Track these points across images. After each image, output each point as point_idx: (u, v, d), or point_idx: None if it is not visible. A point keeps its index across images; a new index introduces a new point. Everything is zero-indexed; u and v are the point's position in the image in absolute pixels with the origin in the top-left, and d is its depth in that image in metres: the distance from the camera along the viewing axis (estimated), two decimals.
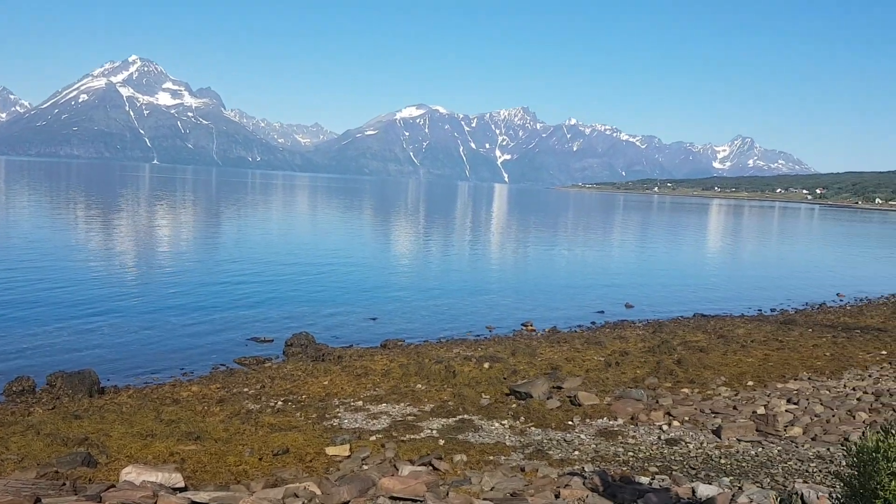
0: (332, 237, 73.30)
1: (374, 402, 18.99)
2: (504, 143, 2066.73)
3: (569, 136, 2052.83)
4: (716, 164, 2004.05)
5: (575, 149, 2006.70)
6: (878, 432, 6.79)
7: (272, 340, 26.44)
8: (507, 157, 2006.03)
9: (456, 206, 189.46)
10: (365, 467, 13.29)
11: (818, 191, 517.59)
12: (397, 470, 12.52)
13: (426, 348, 26.29)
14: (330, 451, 14.44)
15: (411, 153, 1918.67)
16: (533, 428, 17.06)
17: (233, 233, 71.05)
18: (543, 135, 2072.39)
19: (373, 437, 15.73)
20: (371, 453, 14.43)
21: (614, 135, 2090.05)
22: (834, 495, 6.80)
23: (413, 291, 40.42)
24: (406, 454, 14.37)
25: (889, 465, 6.31)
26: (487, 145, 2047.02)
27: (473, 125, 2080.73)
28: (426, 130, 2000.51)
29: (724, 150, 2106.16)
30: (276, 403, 18.45)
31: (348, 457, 14.15)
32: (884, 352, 29.86)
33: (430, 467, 13.13)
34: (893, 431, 6.70)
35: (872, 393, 23.54)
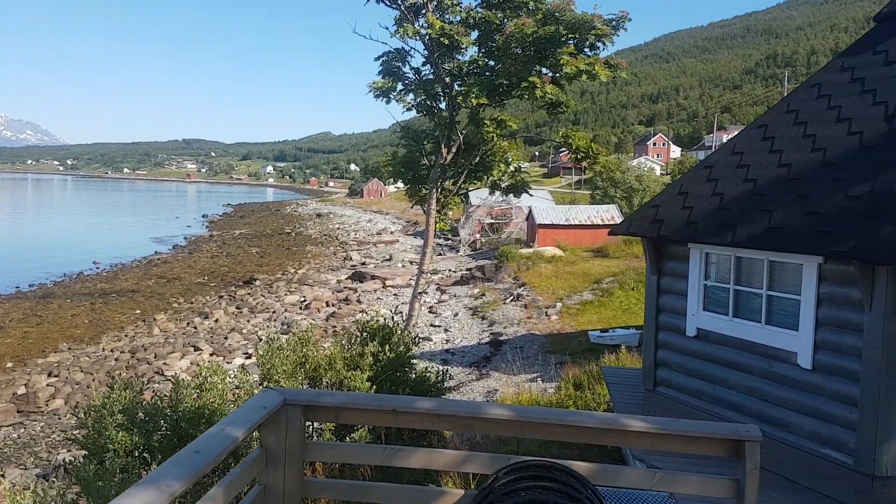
0: None
1: None
2: None
3: None
4: None
5: None
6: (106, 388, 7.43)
7: None
8: None
9: None
10: None
11: (69, 162, 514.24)
12: None
13: None
14: None
15: None
16: None
17: None
18: None
19: None
20: None
21: None
22: (68, 458, 7.16)
23: None
24: None
25: (114, 418, 6.99)
26: None
27: None
28: None
29: None
30: None
31: None
32: (137, 311, 32.32)
33: None
34: (117, 387, 7.43)
35: (129, 351, 25.30)
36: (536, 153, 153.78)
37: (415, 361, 11.30)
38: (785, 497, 6.35)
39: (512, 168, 20.24)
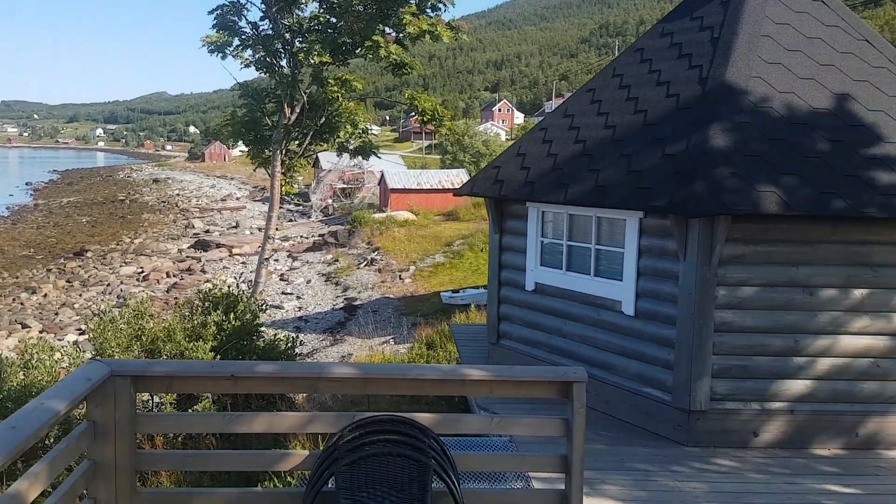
0: None
1: None
2: None
3: None
4: None
5: None
6: None
7: None
8: None
9: None
10: None
11: None
12: None
13: None
14: None
15: None
16: None
17: None
18: None
19: None
20: None
21: None
22: None
23: None
24: None
25: None
26: None
27: None
28: None
29: None
30: None
31: None
32: None
33: None
34: None
35: None
36: (387, 117, 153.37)
37: (264, 329, 11.08)
38: (612, 434, 6.90)
39: (360, 129, 20.05)
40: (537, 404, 7.36)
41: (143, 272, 33.21)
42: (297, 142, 19.59)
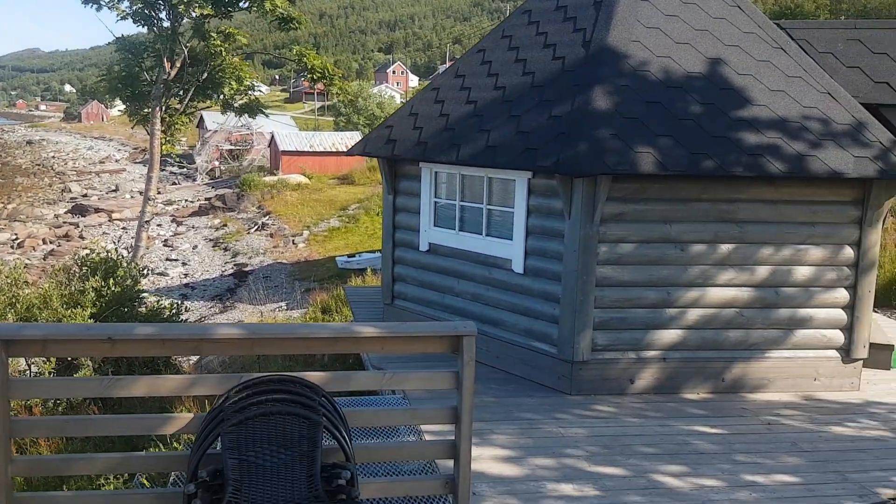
0: None
1: None
2: None
3: None
4: None
5: None
6: None
7: None
8: None
9: None
10: None
11: None
12: None
13: None
14: None
15: None
16: None
17: None
18: None
19: None
20: None
21: None
22: None
23: None
24: None
25: None
26: None
27: None
28: None
29: None
30: None
31: None
32: None
33: None
34: None
35: None
36: (277, 77, 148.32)
37: (146, 296, 10.67)
38: (501, 387, 7.14)
39: (245, 86, 19.25)
40: (431, 362, 7.49)
41: (17, 239, 31.17)
42: (177, 98, 18.62)
